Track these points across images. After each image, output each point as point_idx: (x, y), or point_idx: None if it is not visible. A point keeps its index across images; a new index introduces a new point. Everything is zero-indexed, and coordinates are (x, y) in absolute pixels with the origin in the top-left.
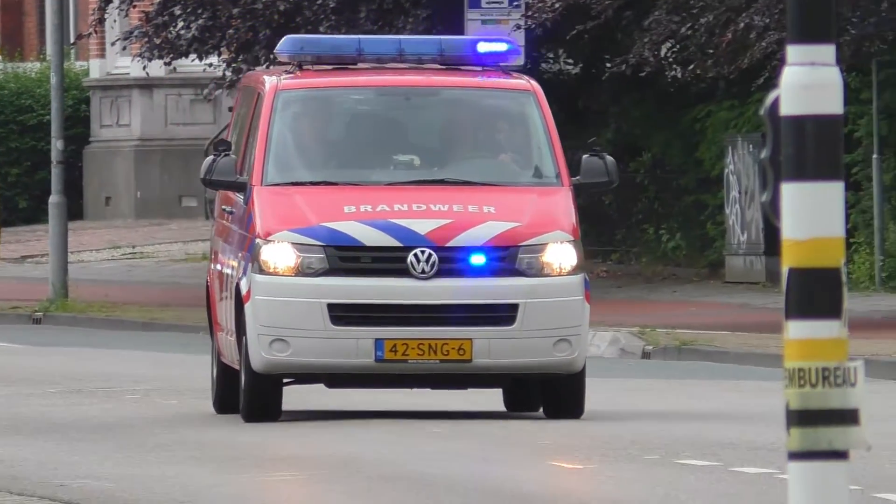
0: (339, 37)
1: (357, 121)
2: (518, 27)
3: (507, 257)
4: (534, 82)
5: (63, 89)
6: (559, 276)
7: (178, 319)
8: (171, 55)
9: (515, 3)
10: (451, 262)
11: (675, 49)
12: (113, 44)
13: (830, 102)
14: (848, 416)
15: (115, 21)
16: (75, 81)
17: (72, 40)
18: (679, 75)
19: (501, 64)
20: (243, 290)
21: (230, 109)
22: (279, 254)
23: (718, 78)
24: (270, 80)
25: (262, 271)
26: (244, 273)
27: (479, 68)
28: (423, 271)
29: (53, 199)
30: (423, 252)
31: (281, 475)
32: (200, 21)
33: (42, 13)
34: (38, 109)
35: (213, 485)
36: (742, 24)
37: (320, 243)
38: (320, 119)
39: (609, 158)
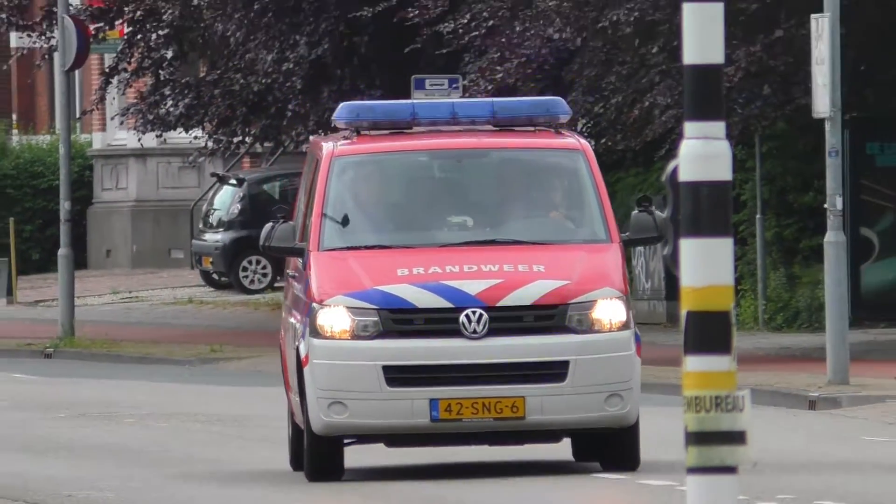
0: (393, 102)
1: (410, 184)
2: None
3: (556, 315)
4: (583, 140)
5: (70, 158)
6: (609, 331)
7: (168, 354)
8: (162, 128)
9: (454, 86)
10: (501, 321)
11: (589, 125)
12: (112, 118)
13: (721, 170)
14: (737, 437)
15: (114, 99)
16: (80, 151)
17: (77, 116)
18: (593, 147)
19: (554, 124)
20: (302, 354)
21: (212, 175)
22: (334, 318)
23: (626, 149)
24: (327, 147)
25: (318, 335)
26: (303, 337)
27: (532, 128)
28: (474, 331)
29: (62, 251)
30: (474, 312)
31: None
32: (186, 100)
33: (52, 93)
34: (48, 175)
35: (200, 497)
36: (647, 103)
37: (374, 307)
38: (374, 183)
39: (658, 214)
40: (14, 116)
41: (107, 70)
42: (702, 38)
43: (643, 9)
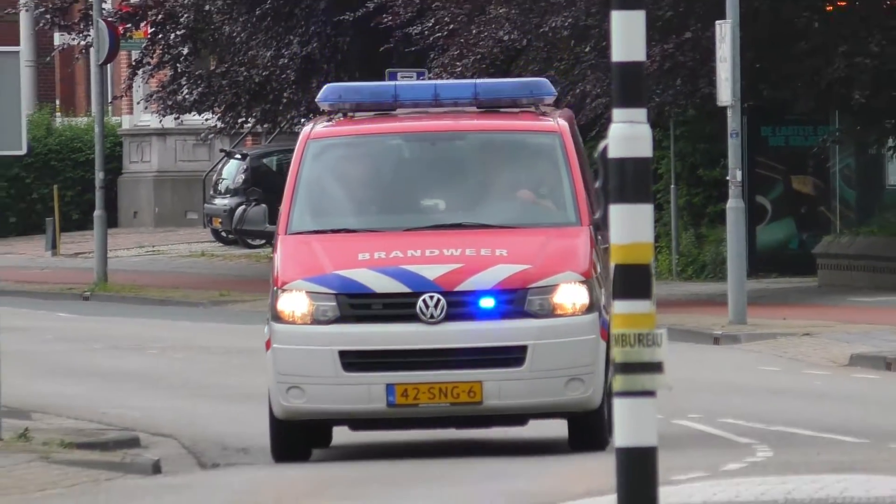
0: (376, 84)
1: (383, 167)
2: None
3: (515, 300)
4: (562, 122)
5: (103, 136)
6: (570, 316)
7: (185, 297)
8: (179, 112)
9: (421, 78)
10: (459, 306)
11: None
12: (138, 103)
13: (643, 148)
14: (655, 367)
15: (139, 87)
16: (112, 130)
17: (109, 101)
18: None
19: (537, 105)
20: (266, 338)
21: (221, 150)
22: (294, 302)
23: None
24: (305, 129)
25: (279, 319)
26: (268, 321)
27: (516, 110)
28: (431, 316)
29: (97, 213)
30: (431, 297)
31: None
32: (199, 89)
33: (88, 83)
34: (85, 150)
35: (211, 413)
36: (578, 91)
37: (332, 291)
38: (347, 166)
39: None
40: (57, 102)
41: (133, 63)
42: (627, 39)
43: (577, 16)
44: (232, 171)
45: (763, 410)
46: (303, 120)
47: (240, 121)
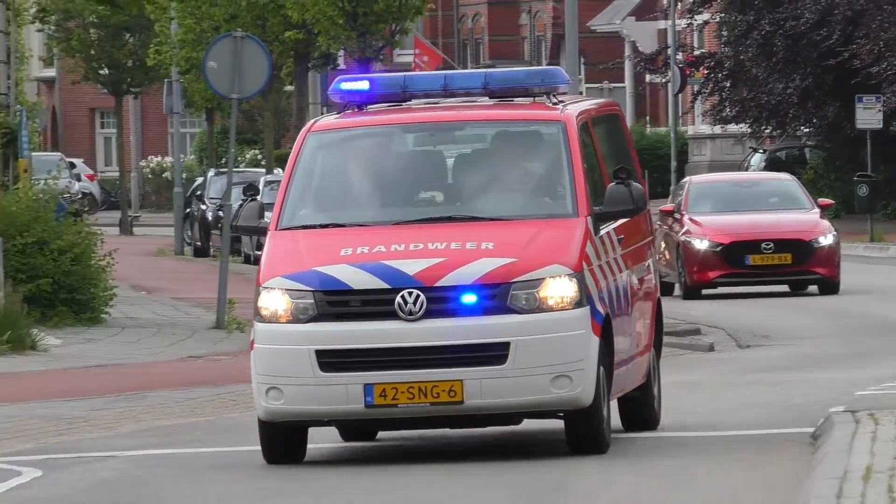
0: (385, 75)
1: (378, 160)
2: None
3: (497, 295)
4: (569, 110)
5: (676, 139)
6: (557, 310)
7: None
8: (723, 123)
9: None
10: (440, 302)
11: None
12: (698, 117)
13: None
14: None
15: (698, 107)
16: (681, 136)
17: (680, 114)
18: None
19: (551, 94)
20: (251, 338)
21: (750, 147)
22: (273, 301)
23: None
24: (308, 123)
25: (260, 319)
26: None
27: (529, 99)
28: (410, 313)
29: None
30: (410, 293)
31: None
32: (736, 108)
33: (667, 105)
34: (665, 148)
35: (738, 312)
36: None
37: (310, 288)
38: (343, 160)
39: (635, 185)
40: (647, 117)
41: (694, 93)
42: None
43: None
44: (756, 162)
45: None
46: (801, 128)
47: (761, 128)
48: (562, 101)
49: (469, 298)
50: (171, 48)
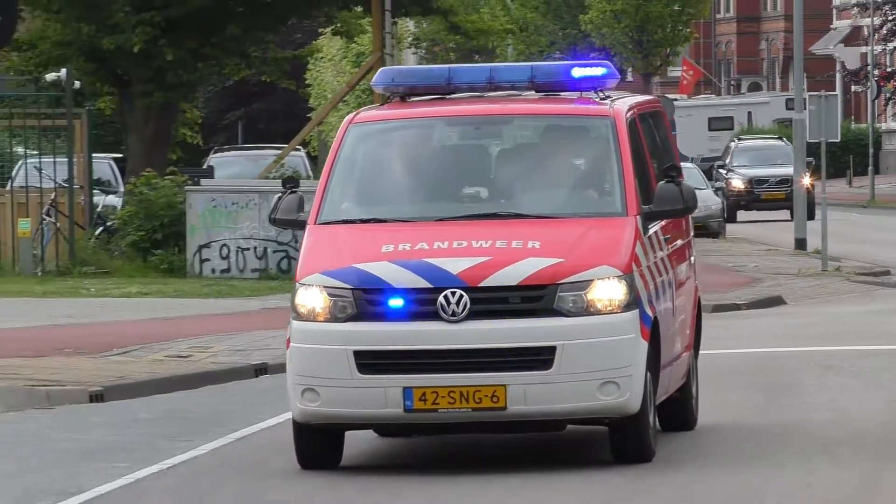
0: (429, 67)
1: (421, 153)
2: None
3: (545, 296)
4: (618, 106)
5: (873, 135)
6: (606, 314)
7: None
8: None
9: None
10: (484, 303)
11: None
12: (891, 116)
13: None
14: None
15: (892, 107)
16: (877, 131)
17: (877, 115)
18: None
19: (599, 89)
20: (287, 336)
21: None
22: (310, 298)
23: None
24: (351, 114)
25: (298, 317)
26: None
27: (576, 94)
28: (453, 314)
29: None
30: (453, 293)
31: None
32: None
33: (867, 106)
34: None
35: None
36: None
37: (349, 286)
38: (385, 153)
39: (686, 185)
40: (852, 116)
41: (885, 99)
42: None
43: None
44: None
45: None
46: None
47: None
48: (609, 97)
49: (514, 300)
50: None
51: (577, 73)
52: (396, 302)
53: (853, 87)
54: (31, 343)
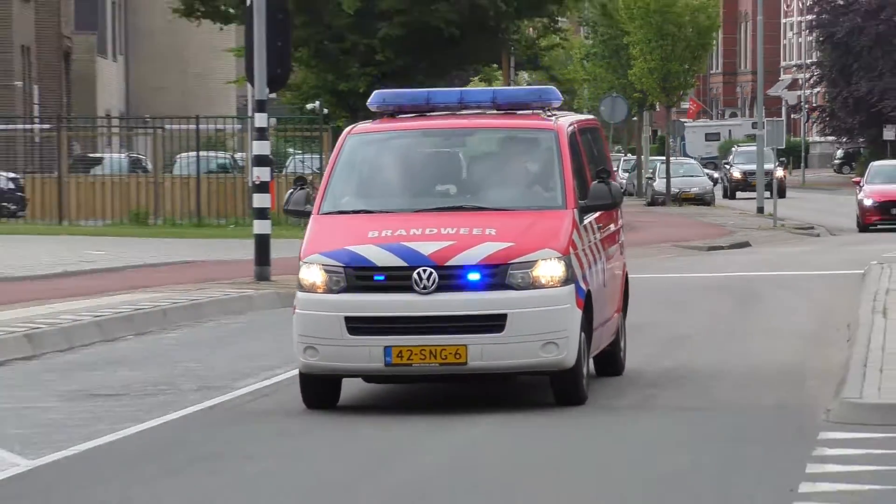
0: (411, 90)
1: (403, 158)
2: None
3: (498, 273)
4: (561, 122)
5: None
6: (547, 287)
7: None
8: None
9: None
10: (449, 278)
11: None
12: None
13: None
14: None
15: None
16: None
17: None
18: None
19: (546, 108)
20: (293, 304)
21: None
22: (311, 274)
23: None
24: (349, 127)
25: (301, 288)
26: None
27: (528, 112)
28: (424, 287)
29: None
30: (424, 271)
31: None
32: None
33: None
34: None
35: None
36: None
37: (341, 264)
38: (375, 158)
39: (613, 184)
40: None
41: None
42: None
43: None
44: None
45: None
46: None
47: None
48: (554, 114)
49: (474, 276)
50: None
51: (529, 95)
52: (379, 277)
53: (793, 115)
54: None
